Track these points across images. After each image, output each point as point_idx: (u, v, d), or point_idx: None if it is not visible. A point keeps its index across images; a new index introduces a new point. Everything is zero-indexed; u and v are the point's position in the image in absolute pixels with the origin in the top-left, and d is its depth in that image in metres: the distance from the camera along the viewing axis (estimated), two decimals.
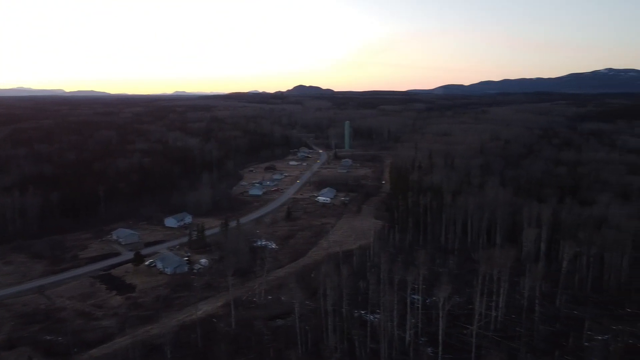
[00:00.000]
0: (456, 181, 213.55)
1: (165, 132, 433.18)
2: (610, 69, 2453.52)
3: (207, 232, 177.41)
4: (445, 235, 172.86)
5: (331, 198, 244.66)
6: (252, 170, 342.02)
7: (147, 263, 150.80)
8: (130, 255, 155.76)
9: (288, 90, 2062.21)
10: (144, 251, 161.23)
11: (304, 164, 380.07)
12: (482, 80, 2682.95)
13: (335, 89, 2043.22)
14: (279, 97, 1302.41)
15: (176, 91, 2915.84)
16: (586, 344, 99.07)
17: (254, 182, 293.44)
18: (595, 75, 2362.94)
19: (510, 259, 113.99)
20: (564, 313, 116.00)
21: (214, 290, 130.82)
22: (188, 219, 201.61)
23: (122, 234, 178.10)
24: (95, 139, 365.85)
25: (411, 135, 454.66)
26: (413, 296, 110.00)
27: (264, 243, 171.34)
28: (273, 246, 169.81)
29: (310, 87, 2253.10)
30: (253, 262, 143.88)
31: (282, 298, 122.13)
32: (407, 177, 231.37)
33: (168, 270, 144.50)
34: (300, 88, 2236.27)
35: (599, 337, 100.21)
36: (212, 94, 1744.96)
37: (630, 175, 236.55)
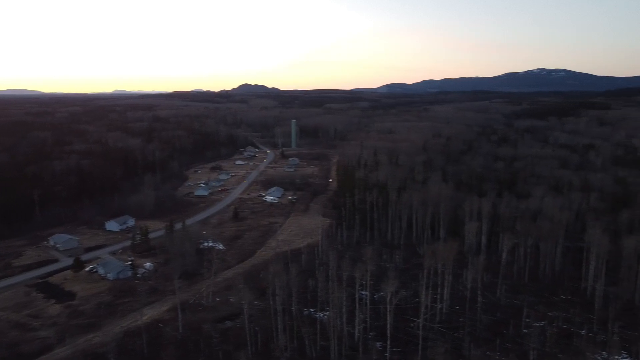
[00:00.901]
0: (401, 178, 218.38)
1: (105, 132, 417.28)
2: (542, 69, 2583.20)
3: (152, 235, 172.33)
4: (392, 231, 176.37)
5: (279, 197, 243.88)
6: (197, 171, 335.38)
7: (87, 269, 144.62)
8: (69, 261, 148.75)
9: (233, 89, 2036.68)
10: (84, 257, 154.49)
11: (251, 163, 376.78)
12: (424, 79, 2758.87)
13: (281, 88, 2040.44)
14: (223, 95, 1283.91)
15: (115, 90, 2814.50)
16: (525, 330, 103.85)
17: (199, 182, 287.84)
18: (529, 75, 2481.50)
19: (453, 252, 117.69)
20: (504, 302, 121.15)
21: (160, 295, 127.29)
22: (131, 222, 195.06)
23: (60, 239, 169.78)
24: (29, 140, 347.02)
25: (357, 134, 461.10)
26: (361, 292, 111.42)
27: (211, 244, 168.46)
28: (220, 247, 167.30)
29: (256, 85, 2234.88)
30: (200, 264, 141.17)
31: (231, 299, 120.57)
32: (354, 175, 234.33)
33: (110, 276, 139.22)
34: (245, 87, 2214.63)
35: (536, 324, 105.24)
36: (153, 92, 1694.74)
37: (562, 169, 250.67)
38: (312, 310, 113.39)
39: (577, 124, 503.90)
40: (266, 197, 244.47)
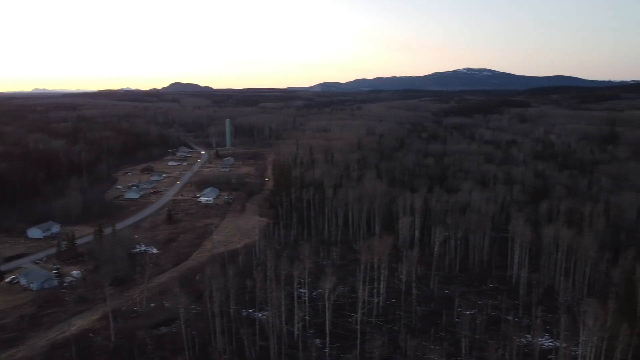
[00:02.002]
0: (336, 175, 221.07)
1: (25, 133, 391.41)
2: (468, 69, 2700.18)
3: (79, 241, 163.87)
4: (328, 228, 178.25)
5: (214, 198, 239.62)
6: (127, 173, 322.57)
7: (8, 280, 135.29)
8: None
9: (164, 88, 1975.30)
10: (4, 267, 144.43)
11: (184, 163, 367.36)
12: (357, 78, 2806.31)
13: (214, 87, 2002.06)
14: (154, 94, 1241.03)
15: (35, 89, 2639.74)
16: (457, 319, 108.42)
17: (130, 184, 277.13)
18: (455, 74, 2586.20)
19: (388, 246, 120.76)
20: (438, 293, 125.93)
21: (90, 303, 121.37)
22: (55, 228, 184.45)
23: None
24: None
25: (292, 132, 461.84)
26: (299, 290, 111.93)
27: (143, 248, 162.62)
28: (154, 251, 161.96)
29: (188, 84, 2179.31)
30: (132, 269, 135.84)
31: (166, 304, 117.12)
32: (290, 174, 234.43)
33: (34, 286, 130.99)
34: (176, 85, 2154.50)
35: (467, 312, 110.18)
36: (78, 92, 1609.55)
37: (487, 164, 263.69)
38: (250, 311, 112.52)
39: (500, 121, 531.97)
40: (201, 198, 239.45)
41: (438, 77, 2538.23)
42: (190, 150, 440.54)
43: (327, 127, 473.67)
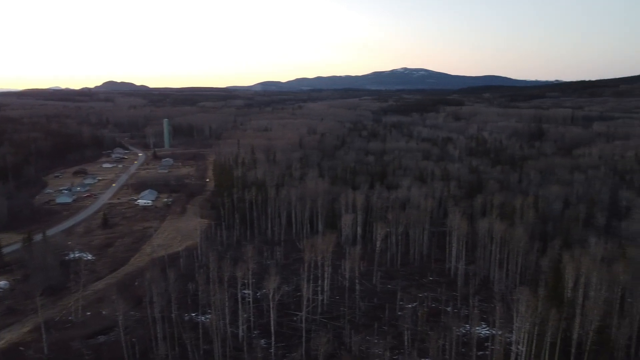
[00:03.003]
0: (279, 175, 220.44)
1: None
2: (405, 68, 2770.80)
3: (6, 250, 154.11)
4: (272, 228, 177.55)
5: (153, 200, 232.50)
6: (58, 176, 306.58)
7: None
8: None
9: (97, 87, 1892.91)
10: None
11: (120, 165, 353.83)
12: (298, 77, 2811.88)
13: (151, 86, 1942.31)
14: (86, 94, 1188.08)
15: None
16: (399, 313, 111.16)
17: (61, 188, 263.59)
18: (393, 74, 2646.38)
19: (331, 244, 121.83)
20: (380, 288, 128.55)
21: (19, 315, 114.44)
22: None
23: None
24: None
25: (233, 132, 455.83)
26: (243, 291, 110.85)
27: (77, 255, 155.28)
28: (89, 257, 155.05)
29: (122, 83, 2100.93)
30: (66, 277, 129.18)
31: (103, 312, 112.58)
32: (231, 174, 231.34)
33: None
34: (110, 84, 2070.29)
35: (409, 306, 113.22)
36: (1, 91, 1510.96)
37: (425, 161, 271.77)
38: (193, 314, 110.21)
39: (436, 119, 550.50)
40: (139, 200, 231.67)
41: (377, 77, 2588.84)
42: (126, 151, 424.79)
43: (268, 127, 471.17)
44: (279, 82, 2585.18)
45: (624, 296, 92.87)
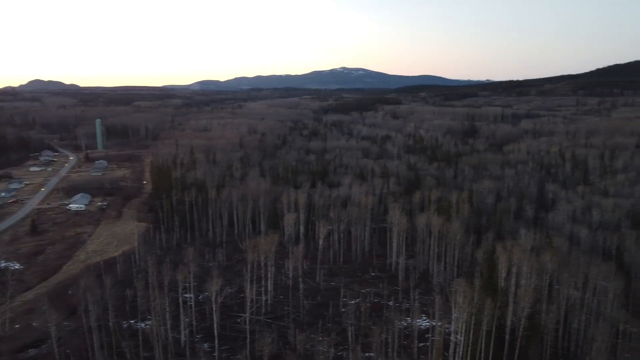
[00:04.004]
0: (219, 175, 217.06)
1: None
2: (344, 68, 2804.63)
3: None
4: (213, 229, 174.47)
5: (86, 204, 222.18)
6: None
7: None
8: None
9: (22, 86, 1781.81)
10: None
11: (49, 169, 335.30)
12: (237, 76, 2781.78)
13: (81, 85, 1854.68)
14: (9, 93, 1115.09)
15: None
16: (343, 309, 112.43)
17: None
18: (332, 73, 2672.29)
19: (274, 244, 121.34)
20: (324, 286, 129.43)
21: None
22: None
23: None
24: None
25: (170, 132, 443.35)
26: (185, 295, 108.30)
27: (4, 264, 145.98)
28: (16, 266, 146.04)
29: (50, 82, 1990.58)
30: None
31: (34, 324, 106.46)
32: (169, 175, 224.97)
33: None
34: (36, 83, 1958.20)
35: (352, 302, 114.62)
36: None
37: (365, 159, 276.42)
38: (132, 321, 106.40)
39: (375, 117, 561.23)
40: (71, 205, 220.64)
41: (316, 76, 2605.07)
42: (55, 153, 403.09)
43: (207, 127, 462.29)
44: (217, 81, 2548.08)
45: (551, 283, 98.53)
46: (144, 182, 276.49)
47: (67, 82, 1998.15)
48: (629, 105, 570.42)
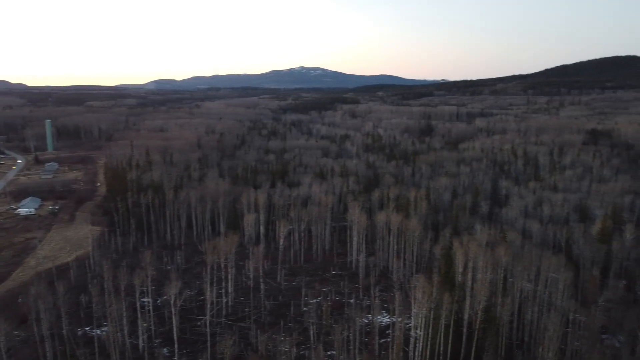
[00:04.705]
0: (177, 176, 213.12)
1: None
2: (303, 67, 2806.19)
3: None
4: (171, 232, 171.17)
5: (36, 209, 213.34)
6: None
7: None
8: None
9: None
10: None
11: None
12: (194, 75, 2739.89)
13: (29, 84, 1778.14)
14: None
15: None
16: (304, 309, 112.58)
17: None
18: (291, 73, 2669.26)
19: (234, 245, 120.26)
20: (285, 286, 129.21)
21: None
22: None
23: None
24: None
25: (125, 133, 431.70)
26: (143, 300, 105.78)
27: None
28: None
29: None
30: None
31: None
32: (125, 177, 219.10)
33: None
34: None
35: (314, 301, 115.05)
36: None
37: (324, 158, 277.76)
38: (87, 328, 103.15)
39: (334, 117, 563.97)
40: (19, 209, 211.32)
41: (275, 75, 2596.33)
42: (2, 156, 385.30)
43: (164, 127, 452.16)
44: (174, 81, 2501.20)
45: (506, 277, 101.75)
46: (98, 185, 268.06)
47: (13, 81, 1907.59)
48: (575, 104, 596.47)
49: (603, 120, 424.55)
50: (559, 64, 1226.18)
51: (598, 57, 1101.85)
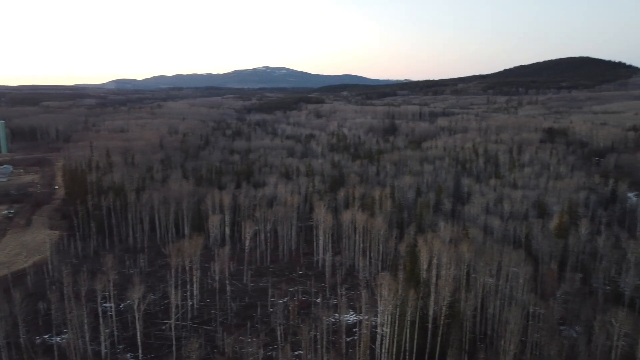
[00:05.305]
0: (139, 178, 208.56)
1: None
2: (267, 67, 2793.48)
3: None
4: (133, 235, 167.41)
5: None
6: None
7: None
8: None
9: None
10: None
11: None
12: (155, 75, 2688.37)
13: None
14: None
15: None
16: (271, 309, 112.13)
17: None
18: (255, 72, 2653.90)
19: (199, 247, 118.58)
20: (251, 287, 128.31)
21: None
22: None
23: None
24: None
25: (84, 134, 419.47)
26: (105, 305, 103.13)
27: None
28: None
29: None
30: None
31: None
32: (84, 179, 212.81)
33: None
34: None
35: (280, 301, 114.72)
36: None
37: (290, 158, 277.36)
38: (46, 336, 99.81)
39: (299, 116, 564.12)
40: None
41: (239, 75, 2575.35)
42: None
43: (125, 127, 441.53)
44: (134, 80, 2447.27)
45: (469, 272, 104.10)
46: (56, 188, 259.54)
47: None
48: (533, 104, 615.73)
49: (559, 119, 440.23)
50: (517, 64, 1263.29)
51: (554, 58, 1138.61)
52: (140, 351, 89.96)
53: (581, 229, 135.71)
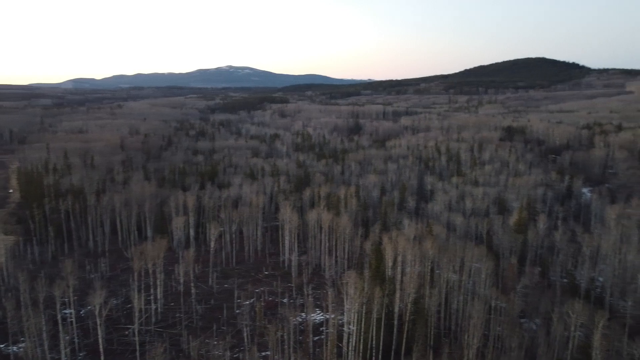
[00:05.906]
0: (98, 180, 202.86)
1: None
2: (230, 66, 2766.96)
3: None
4: (94, 239, 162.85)
5: None
6: None
7: None
8: None
9: None
10: None
11: None
12: (115, 74, 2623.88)
13: None
14: None
15: None
16: (237, 311, 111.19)
17: None
18: (218, 72, 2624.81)
19: (162, 249, 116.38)
20: (217, 289, 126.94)
21: None
22: None
23: None
24: None
25: (40, 135, 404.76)
26: (64, 311, 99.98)
27: None
28: None
29: None
30: None
31: None
32: (41, 182, 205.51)
33: None
34: None
35: (247, 302, 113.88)
36: None
37: (255, 158, 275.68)
38: (2, 345, 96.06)
39: (263, 116, 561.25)
40: None
41: (202, 74, 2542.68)
42: None
43: (83, 128, 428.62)
44: (93, 79, 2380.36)
45: (433, 269, 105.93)
46: (10, 191, 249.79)
47: None
48: (492, 103, 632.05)
49: (517, 117, 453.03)
50: (476, 64, 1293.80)
51: (512, 58, 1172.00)
52: (102, 357, 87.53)
53: (539, 224, 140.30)
